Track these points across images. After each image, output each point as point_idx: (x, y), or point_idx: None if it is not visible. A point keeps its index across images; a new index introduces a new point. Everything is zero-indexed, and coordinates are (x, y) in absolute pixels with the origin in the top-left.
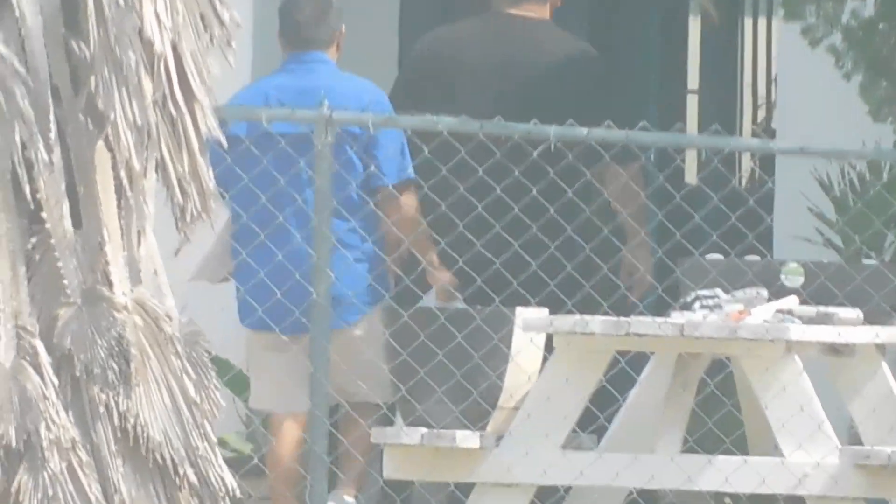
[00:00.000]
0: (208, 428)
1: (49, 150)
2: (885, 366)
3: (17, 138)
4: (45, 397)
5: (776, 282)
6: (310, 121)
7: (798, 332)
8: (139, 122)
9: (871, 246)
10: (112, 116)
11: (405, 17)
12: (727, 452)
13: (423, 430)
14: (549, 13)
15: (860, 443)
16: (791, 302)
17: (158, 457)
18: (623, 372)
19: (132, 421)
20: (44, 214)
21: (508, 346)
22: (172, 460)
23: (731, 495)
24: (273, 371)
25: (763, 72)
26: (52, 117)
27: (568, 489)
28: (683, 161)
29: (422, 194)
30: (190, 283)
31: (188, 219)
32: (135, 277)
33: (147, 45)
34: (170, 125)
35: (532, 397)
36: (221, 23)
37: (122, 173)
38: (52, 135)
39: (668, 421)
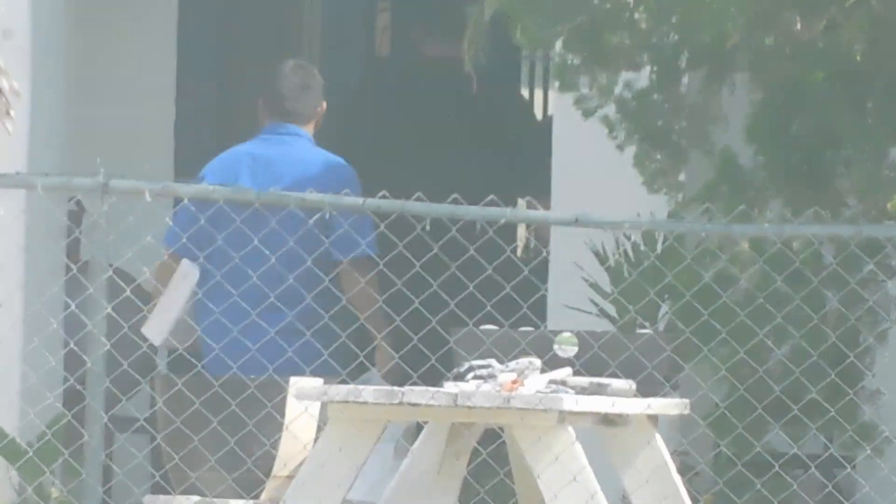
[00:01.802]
0: None
1: None
2: (658, 436)
3: None
4: None
5: (550, 352)
6: (86, 189)
7: (571, 402)
8: None
9: (645, 316)
10: None
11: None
12: None
13: (196, 498)
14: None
15: None
16: (564, 373)
17: None
18: None
19: None
20: None
21: (283, 415)
22: None
23: None
24: None
25: None
26: None
27: None
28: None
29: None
30: None
31: None
32: None
33: None
34: None
35: (306, 466)
36: (0, 92)
37: None
38: None
39: (441, 490)
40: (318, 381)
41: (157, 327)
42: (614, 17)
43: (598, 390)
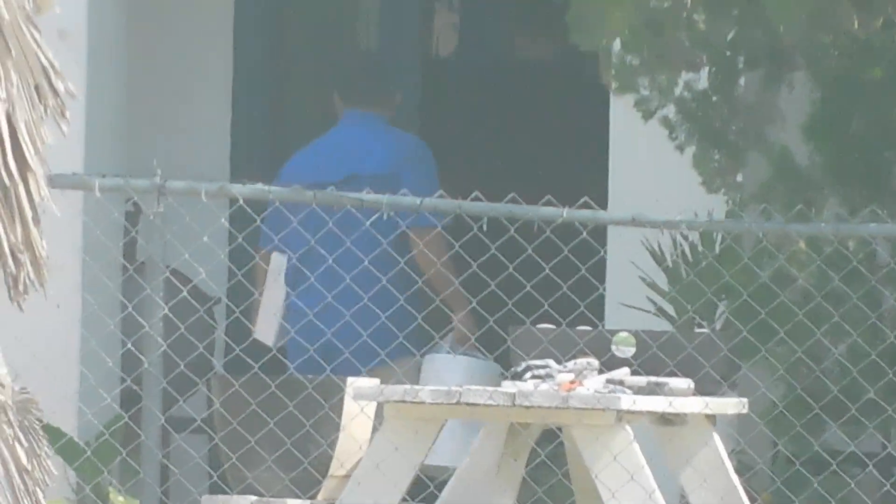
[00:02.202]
0: (40, 495)
1: None
2: (715, 435)
3: None
4: None
5: (608, 352)
6: (143, 190)
7: (629, 401)
8: None
9: (702, 316)
10: None
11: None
12: None
13: (253, 497)
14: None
15: None
16: (622, 373)
17: None
18: None
19: None
20: None
21: (340, 415)
22: None
23: None
24: None
25: None
26: None
27: None
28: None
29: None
30: (19, 351)
31: (21, 288)
32: None
33: None
34: (3, 195)
35: (362, 465)
36: (56, 93)
37: None
38: None
39: (499, 490)
40: (374, 381)
41: (268, 329)
42: (673, 17)
43: (656, 390)
